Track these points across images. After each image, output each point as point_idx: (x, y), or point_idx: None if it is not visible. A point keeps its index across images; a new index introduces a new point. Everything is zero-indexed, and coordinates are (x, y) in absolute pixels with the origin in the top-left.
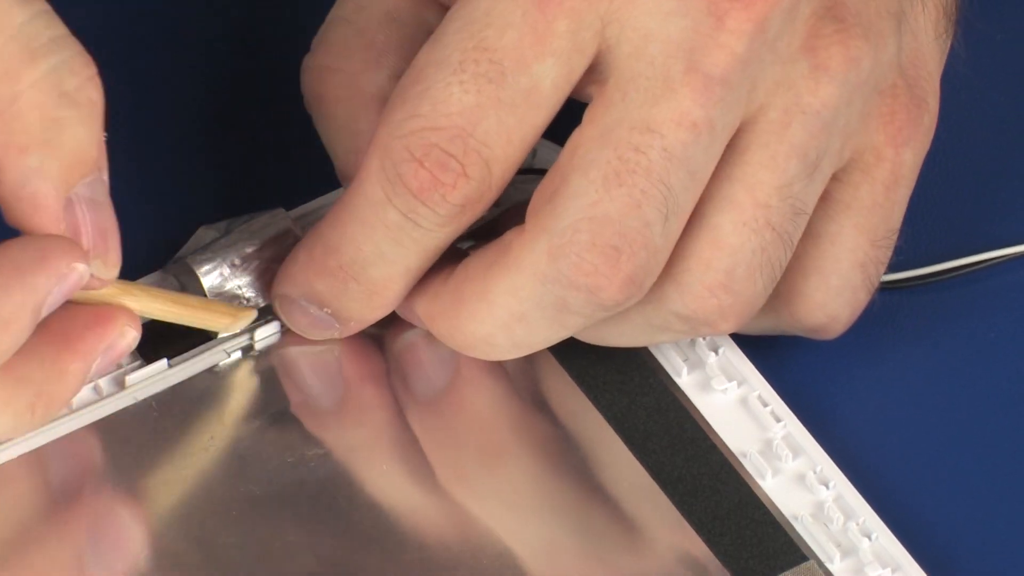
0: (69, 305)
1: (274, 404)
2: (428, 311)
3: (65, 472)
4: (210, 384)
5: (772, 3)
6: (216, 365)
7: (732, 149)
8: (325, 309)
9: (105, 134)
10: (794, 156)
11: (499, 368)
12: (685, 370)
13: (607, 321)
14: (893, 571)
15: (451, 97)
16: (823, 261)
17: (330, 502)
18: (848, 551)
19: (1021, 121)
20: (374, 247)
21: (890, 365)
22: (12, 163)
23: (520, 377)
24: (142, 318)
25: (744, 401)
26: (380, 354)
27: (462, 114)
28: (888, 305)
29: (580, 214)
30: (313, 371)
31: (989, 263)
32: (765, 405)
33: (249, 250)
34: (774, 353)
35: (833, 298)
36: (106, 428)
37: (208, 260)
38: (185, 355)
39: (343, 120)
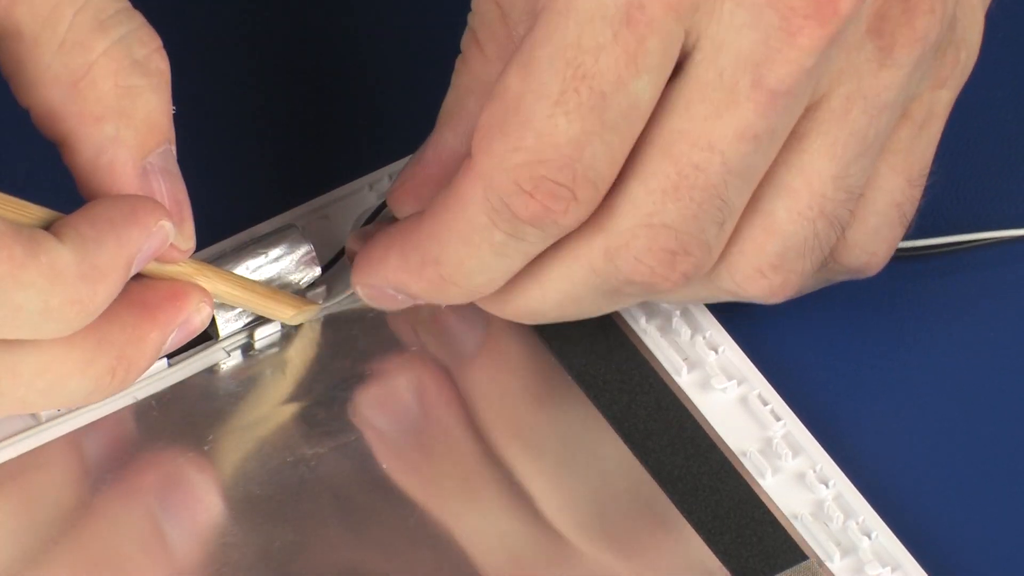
0: (147, 279)
1: (274, 403)
2: None
3: (65, 471)
4: (210, 384)
5: (846, 15)
6: (216, 365)
7: (792, 135)
8: (419, 301)
9: (173, 107)
10: (853, 142)
11: (499, 367)
12: (685, 369)
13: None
14: (893, 570)
15: (556, 128)
16: (862, 205)
17: (330, 502)
18: (848, 550)
19: None
20: (478, 262)
21: (890, 364)
22: (88, 133)
23: (520, 377)
24: None
25: (744, 400)
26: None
27: (570, 145)
28: (887, 304)
29: (639, 221)
30: (313, 371)
31: (991, 242)
32: (765, 404)
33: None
34: (774, 352)
35: (871, 238)
36: (106, 428)
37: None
38: (185, 355)
39: (460, 90)
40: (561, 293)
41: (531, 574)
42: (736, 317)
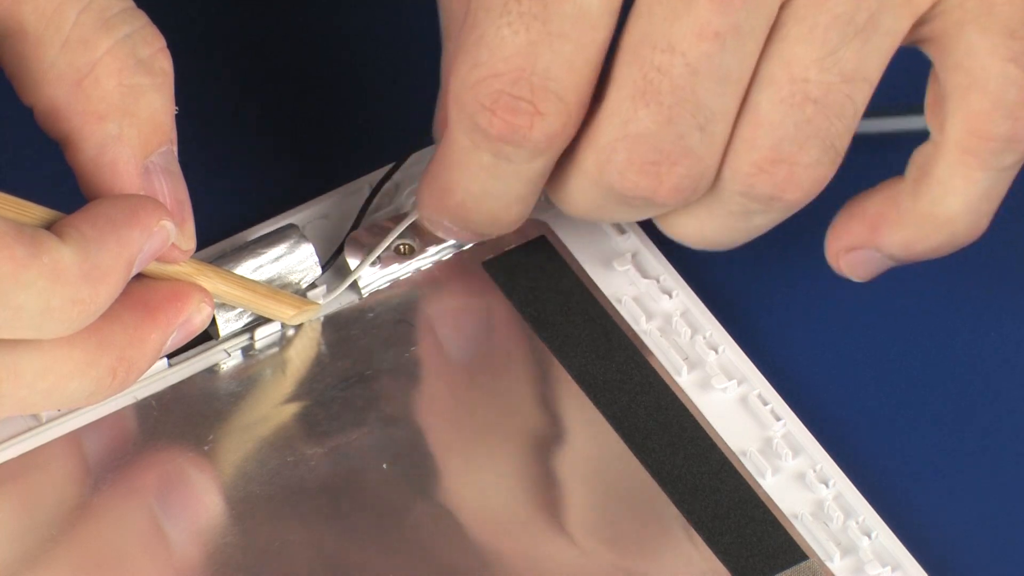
0: (148, 279)
1: (274, 403)
2: None
3: (65, 471)
4: (210, 384)
5: None
6: (216, 365)
7: (773, 28)
8: (464, 235)
9: (176, 108)
10: (835, 26)
11: (499, 367)
12: (685, 369)
13: (689, 215)
14: (893, 570)
15: (504, 41)
16: (973, 78)
17: (330, 502)
18: (848, 550)
19: None
20: (480, 186)
21: (890, 364)
22: (91, 131)
23: (520, 376)
24: None
25: (744, 400)
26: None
27: (518, 55)
28: (887, 304)
29: (616, 133)
30: (313, 371)
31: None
32: (765, 404)
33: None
34: (774, 352)
35: (1000, 101)
36: (106, 427)
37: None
38: (185, 355)
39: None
40: (583, 205)
41: (531, 574)
42: (736, 317)
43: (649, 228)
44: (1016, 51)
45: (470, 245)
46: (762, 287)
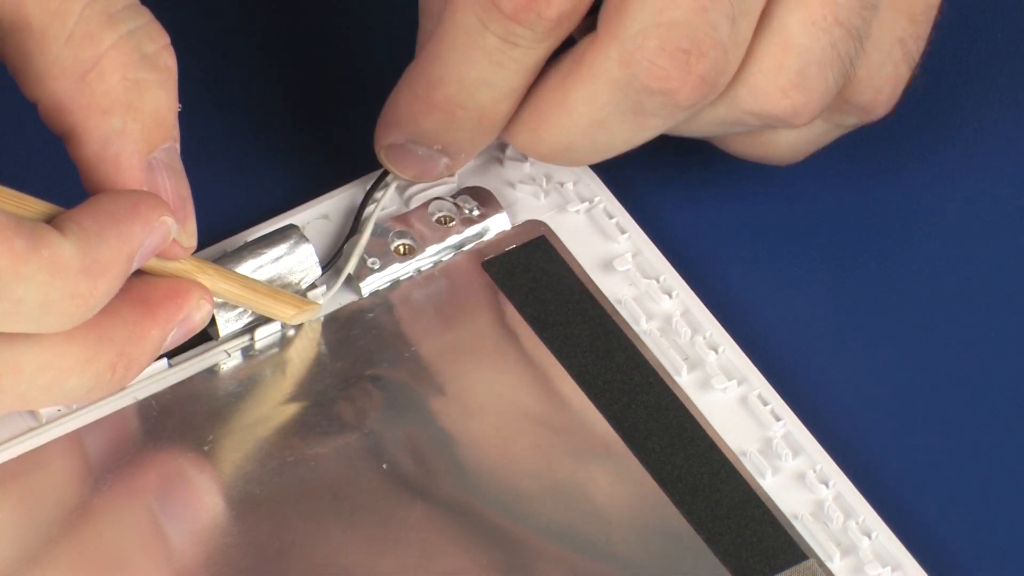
0: (148, 276)
1: (274, 403)
2: (507, 126)
3: (66, 472)
4: (210, 384)
5: None
6: (216, 365)
7: None
8: (436, 147)
9: (179, 105)
10: None
11: (499, 367)
12: (685, 369)
13: (686, 125)
14: (893, 570)
15: None
16: (864, 40)
17: (330, 502)
18: (848, 550)
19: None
20: (477, 73)
21: (890, 364)
22: (95, 125)
23: (520, 376)
24: None
25: (744, 400)
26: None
27: None
28: (887, 304)
29: (648, 21)
30: (313, 371)
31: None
32: (765, 404)
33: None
34: (774, 352)
35: (876, 73)
36: (106, 428)
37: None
38: (185, 355)
39: None
40: (587, 118)
41: (531, 574)
42: (736, 317)
43: (649, 228)
44: (908, 33)
45: (470, 245)
46: (762, 287)
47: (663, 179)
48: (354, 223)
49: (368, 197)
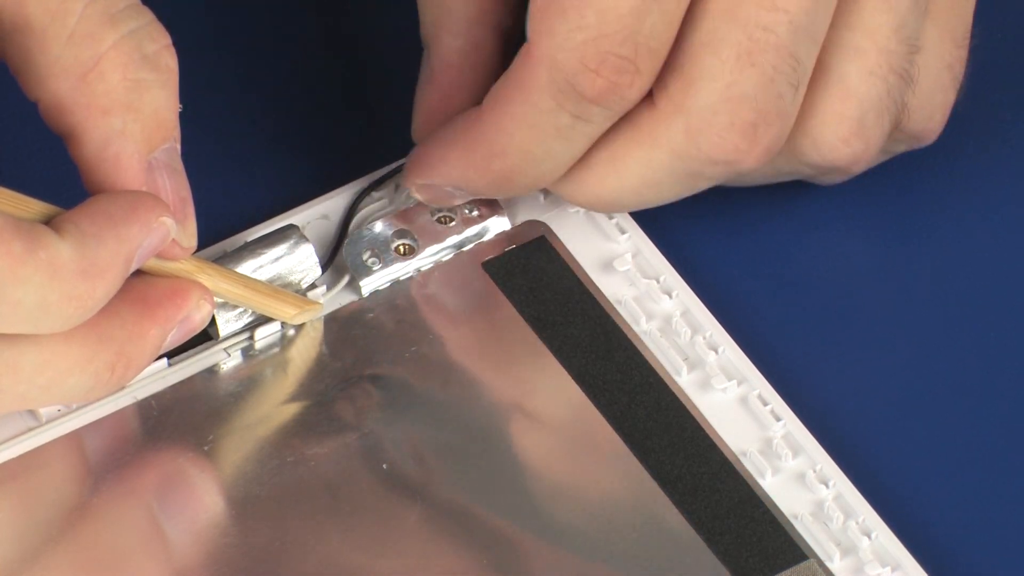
0: (148, 276)
1: (274, 403)
2: None
3: (65, 472)
4: (210, 384)
5: None
6: (216, 365)
7: None
8: (477, 195)
9: (180, 105)
10: None
11: (498, 368)
12: (685, 369)
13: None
14: (893, 570)
15: (617, 1)
16: (916, 69)
17: (330, 502)
18: (848, 550)
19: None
20: (545, 149)
21: (890, 364)
22: (95, 125)
23: (520, 377)
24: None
25: (744, 400)
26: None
27: (631, 15)
28: (887, 303)
29: (717, 95)
30: (313, 371)
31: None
32: (765, 404)
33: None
34: (774, 352)
35: (928, 102)
36: (106, 427)
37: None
38: (185, 355)
39: None
40: (640, 179)
41: (531, 574)
42: (736, 317)
43: (649, 228)
44: (955, 57)
45: (470, 245)
46: (762, 287)
47: None
48: (345, 222)
49: (364, 196)
